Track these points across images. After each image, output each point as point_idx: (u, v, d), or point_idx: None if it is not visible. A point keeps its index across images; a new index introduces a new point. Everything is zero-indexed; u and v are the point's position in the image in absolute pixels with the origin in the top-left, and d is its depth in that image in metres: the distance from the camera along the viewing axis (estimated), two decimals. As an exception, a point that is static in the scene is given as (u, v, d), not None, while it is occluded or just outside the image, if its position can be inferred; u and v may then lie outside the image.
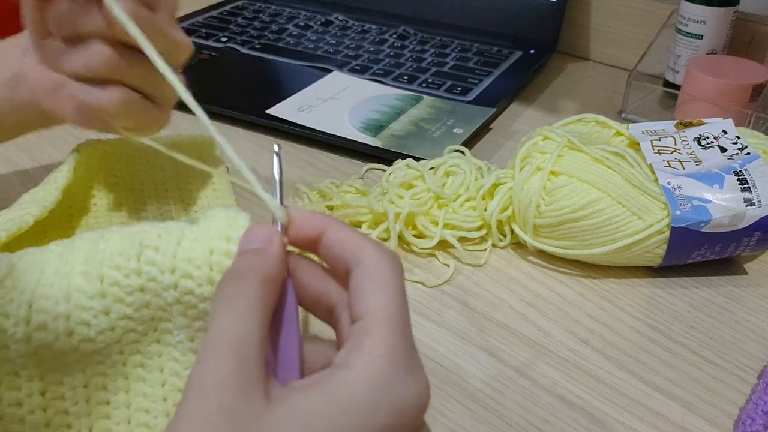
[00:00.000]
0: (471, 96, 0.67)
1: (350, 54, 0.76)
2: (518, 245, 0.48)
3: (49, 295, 0.28)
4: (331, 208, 0.49)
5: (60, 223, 0.45)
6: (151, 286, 0.28)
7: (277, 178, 0.28)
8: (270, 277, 0.24)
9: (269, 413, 0.21)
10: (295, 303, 0.26)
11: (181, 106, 0.33)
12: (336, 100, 0.65)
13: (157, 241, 0.28)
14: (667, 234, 0.42)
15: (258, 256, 0.25)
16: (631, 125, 0.49)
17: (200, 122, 0.29)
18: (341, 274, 0.26)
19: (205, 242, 0.28)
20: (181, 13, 0.88)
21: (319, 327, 0.30)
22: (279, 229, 0.27)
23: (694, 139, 0.47)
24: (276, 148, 0.29)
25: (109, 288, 0.28)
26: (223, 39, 0.79)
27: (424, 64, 0.73)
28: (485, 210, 0.48)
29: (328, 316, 0.27)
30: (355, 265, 0.25)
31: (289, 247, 0.27)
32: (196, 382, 0.21)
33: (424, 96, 0.66)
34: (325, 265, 0.27)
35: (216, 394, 0.21)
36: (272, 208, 0.27)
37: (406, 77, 0.70)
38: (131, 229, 0.30)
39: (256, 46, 0.78)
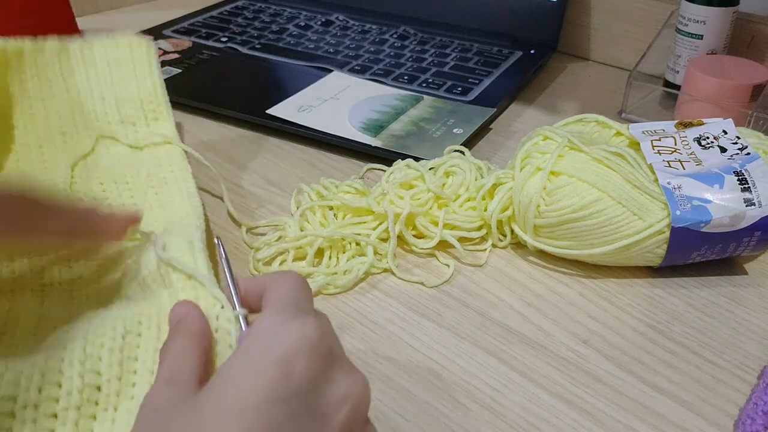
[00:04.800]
0: (471, 96, 0.67)
1: (350, 54, 0.76)
2: (518, 245, 0.48)
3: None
4: (330, 208, 0.49)
5: None
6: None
7: (227, 270, 0.33)
8: (192, 331, 0.31)
9: (195, 397, 0.26)
10: None
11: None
12: (336, 100, 0.65)
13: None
14: (667, 234, 0.42)
15: (180, 323, 0.31)
16: (631, 125, 0.49)
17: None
18: None
19: None
20: (181, 13, 0.88)
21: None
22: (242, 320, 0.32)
23: (694, 139, 0.47)
24: (216, 240, 0.35)
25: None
26: (223, 39, 0.79)
27: (424, 64, 0.73)
28: (485, 210, 0.48)
29: None
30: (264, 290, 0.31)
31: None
32: (142, 405, 0.28)
33: (425, 96, 0.66)
34: None
35: (152, 409, 0.27)
36: (232, 310, 0.32)
37: (406, 77, 0.70)
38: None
39: (257, 46, 0.78)
